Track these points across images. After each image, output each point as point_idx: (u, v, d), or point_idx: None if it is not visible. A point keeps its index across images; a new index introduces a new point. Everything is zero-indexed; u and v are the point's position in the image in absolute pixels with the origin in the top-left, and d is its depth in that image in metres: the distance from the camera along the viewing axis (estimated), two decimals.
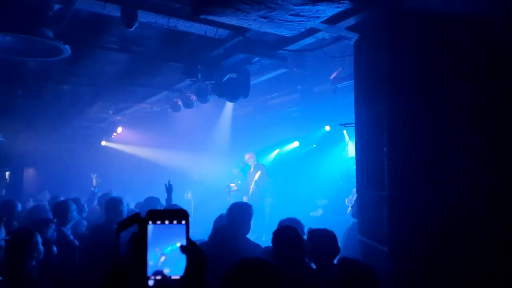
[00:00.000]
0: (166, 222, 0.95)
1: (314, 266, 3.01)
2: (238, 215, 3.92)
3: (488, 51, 3.28)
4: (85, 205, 6.08)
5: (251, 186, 9.17)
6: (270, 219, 8.63)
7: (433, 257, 3.13)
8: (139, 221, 0.96)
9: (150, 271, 0.92)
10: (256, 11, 3.27)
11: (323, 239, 3.05)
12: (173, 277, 0.92)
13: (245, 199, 8.54)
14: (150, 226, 0.95)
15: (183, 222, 0.96)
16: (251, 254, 3.32)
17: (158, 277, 0.92)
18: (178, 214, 0.96)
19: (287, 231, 3.03)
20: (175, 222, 0.95)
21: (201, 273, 0.96)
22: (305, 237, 3.19)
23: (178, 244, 0.95)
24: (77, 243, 4.22)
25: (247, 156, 9.40)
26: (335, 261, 2.96)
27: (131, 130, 11.87)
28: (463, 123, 3.30)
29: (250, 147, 10.18)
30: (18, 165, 12.13)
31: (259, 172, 9.13)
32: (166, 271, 0.93)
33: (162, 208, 5.07)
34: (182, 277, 0.93)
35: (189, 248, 0.95)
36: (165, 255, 0.94)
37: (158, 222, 0.95)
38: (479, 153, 3.22)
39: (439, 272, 3.10)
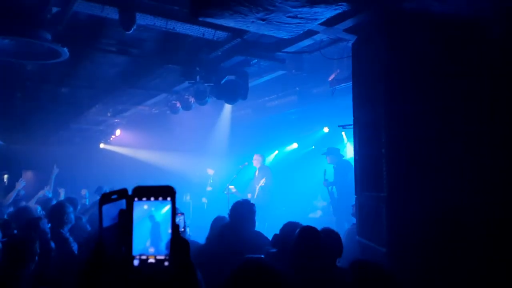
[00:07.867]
0: (152, 199, 0.94)
1: None
2: (240, 213, 3.92)
3: (486, 51, 3.29)
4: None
5: (257, 187, 9.07)
6: (269, 220, 8.60)
7: (431, 257, 3.13)
8: (126, 197, 0.95)
9: (136, 250, 0.91)
10: (254, 14, 3.28)
11: (329, 239, 3.06)
12: (158, 257, 0.91)
13: (249, 196, 8.45)
14: (136, 203, 0.94)
15: (168, 199, 0.95)
16: (259, 242, 3.61)
17: (144, 257, 0.91)
18: (164, 191, 0.95)
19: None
20: (160, 199, 0.95)
21: (187, 252, 0.95)
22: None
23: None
24: (75, 246, 4.19)
25: (255, 158, 9.30)
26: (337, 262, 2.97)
27: (130, 132, 11.84)
28: (463, 124, 3.31)
29: (249, 149, 10.15)
30: (17, 168, 12.09)
31: (265, 178, 9.03)
32: (151, 250, 0.92)
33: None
34: (167, 257, 0.92)
35: (175, 226, 0.93)
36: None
37: (144, 199, 0.94)
38: (478, 154, 3.23)
39: (438, 273, 3.10)
